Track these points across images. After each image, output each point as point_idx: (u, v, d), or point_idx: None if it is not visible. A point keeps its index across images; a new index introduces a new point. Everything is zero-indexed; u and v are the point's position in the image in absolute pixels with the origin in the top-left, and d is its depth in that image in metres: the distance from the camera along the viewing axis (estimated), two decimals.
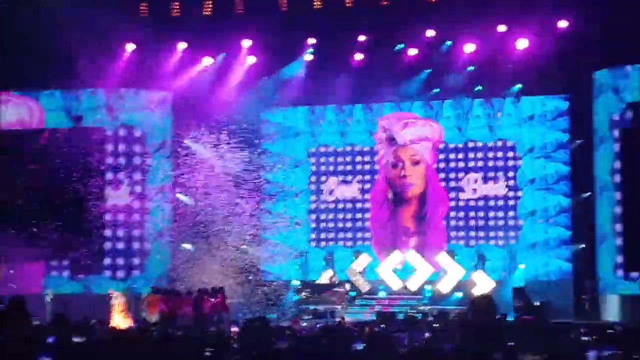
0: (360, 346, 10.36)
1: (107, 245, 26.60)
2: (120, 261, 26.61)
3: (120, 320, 20.23)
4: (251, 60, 26.47)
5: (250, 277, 26.32)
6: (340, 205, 27.69)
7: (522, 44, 24.88)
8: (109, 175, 26.67)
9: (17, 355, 8.44)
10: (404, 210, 27.24)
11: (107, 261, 26.55)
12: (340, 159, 27.80)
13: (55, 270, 26.83)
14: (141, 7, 25.58)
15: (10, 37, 23.76)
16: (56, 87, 26.89)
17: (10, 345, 10.37)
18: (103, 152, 26.68)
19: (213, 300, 23.57)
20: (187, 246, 26.72)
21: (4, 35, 23.75)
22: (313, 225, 27.74)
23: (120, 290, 23.39)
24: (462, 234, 26.78)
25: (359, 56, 25.93)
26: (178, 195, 26.74)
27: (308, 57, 26.33)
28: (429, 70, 25.98)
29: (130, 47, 25.99)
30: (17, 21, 23.88)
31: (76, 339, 10.12)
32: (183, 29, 25.62)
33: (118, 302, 22.18)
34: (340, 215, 27.66)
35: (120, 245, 26.64)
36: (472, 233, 26.73)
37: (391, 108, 27.38)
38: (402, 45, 25.61)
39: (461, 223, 26.90)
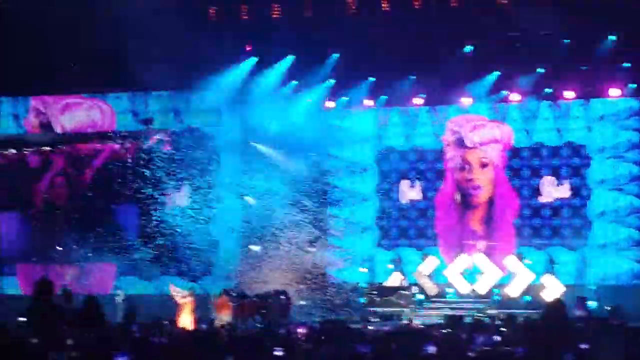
0: (430, 349, 10.34)
1: (176, 246, 26.87)
2: (189, 262, 26.87)
3: (187, 321, 20.43)
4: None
5: (317, 280, 26.45)
6: (407, 208, 27.60)
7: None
8: (177, 177, 26.95)
9: (94, 355, 8.61)
10: (472, 213, 27.06)
11: (176, 262, 26.83)
12: (405, 162, 27.70)
13: (126, 271, 27.21)
14: (210, 11, 25.77)
15: (77, 40, 24.14)
16: (123, 90, 27.27)
17: (86, 345, 10.61)
18: (170, 153, 26.98)
19: (277, 302, 23.81)
20: (255, 248, 26.93)
21: (71, 39, 24.15)
22: (380, 228, 27.67)
23: (186, 291, 23.63)
24: (531, 237, 26.53)
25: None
26: (246, 198, 26.94)
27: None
28: (497, 73, 25.80)
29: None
30: (86, 25, 24.26)
31: (152, 339, 10.28)
32: (251, 32, 25.65)
33: (185, 303, 22.44)
34: (408, 218, 27.56)
35: (189, 247, 26.89)
36: (541, 236, 26.47)
37: (456, 110, 27.24)
38: (471, 47, 25.46)
39: (530, 226, 26.64)
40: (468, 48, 25.40)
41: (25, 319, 13.19)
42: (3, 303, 24.40)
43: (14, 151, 27.59)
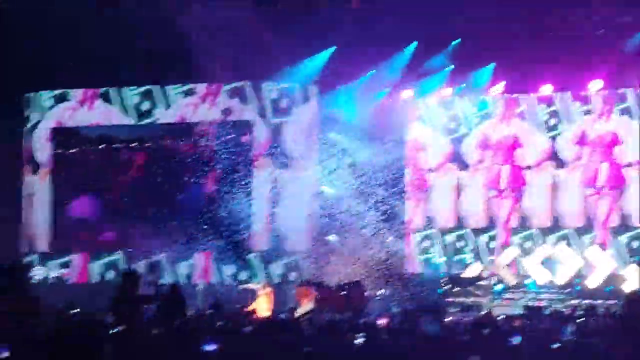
0: (515, 340, 10.29)
1: (255, 236, 27.09)
2: (268, 252, 27.06)
3: (265, 310, 20.63)
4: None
5: (394, 271, 26.48)
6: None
7: None
8: (255, 166, 27.16)
9: (179, 342, 8.78)
10: None
11: (254, 252, 27.03)
12: None
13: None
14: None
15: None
16: (203, 81, 27.55)
17: (170, 332, 10.81)
18: (250, 144, 27.18)
19: (356, 292, 23.89)
20: (332, 238, 27.05)
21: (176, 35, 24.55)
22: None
23: (264, 280, 23.91)
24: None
25: None
26: (323, 188, 27.07)
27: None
28: None
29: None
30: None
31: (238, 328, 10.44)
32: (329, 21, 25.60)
33: (263, 292, 22.73)
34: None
35: (268, 237, 27.08)
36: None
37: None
38: None
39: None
40: None
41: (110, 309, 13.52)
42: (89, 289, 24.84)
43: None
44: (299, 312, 21.00)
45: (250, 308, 20.15)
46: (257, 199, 27.13)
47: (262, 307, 21.04)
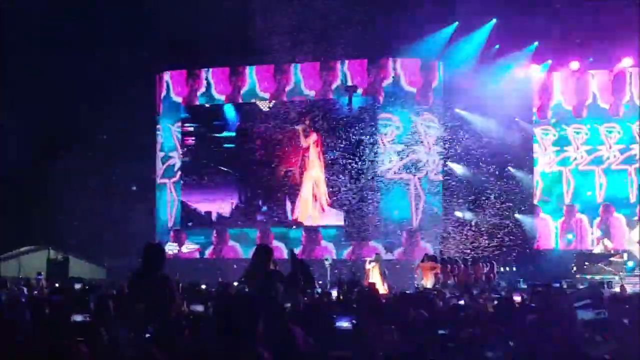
0: None
1: (378, 213, 27.12)
2: (391, 229, 27.07)
3: (378, 284, 20.68)
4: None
5: (524, 248, 26.22)
6: None
7: None
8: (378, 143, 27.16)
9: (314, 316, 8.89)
10: None
11: (378, 229, 27.08)
12: None
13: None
14: None
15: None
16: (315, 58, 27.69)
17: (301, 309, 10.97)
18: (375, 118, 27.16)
19: (482, 268, 23.81)
20: (460, 214, 26.93)
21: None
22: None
23: (373, 256, 24.00)
24: None
25: None
26: (450, 164, 26.93)
27: None
28: None
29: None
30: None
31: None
32: None
33: (373, 267, 22.88)
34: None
35: (390, 214, 27.08)
36: None
37: None
38: None
39: None
40: None
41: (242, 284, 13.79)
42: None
43: None
44: (424, 286, 21.06)
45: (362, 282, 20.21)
46: (381, 176, 27.12)
47: (371, 281, 21.13)
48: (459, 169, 26.97)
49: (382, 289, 20.60)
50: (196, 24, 24.76)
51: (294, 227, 27.61)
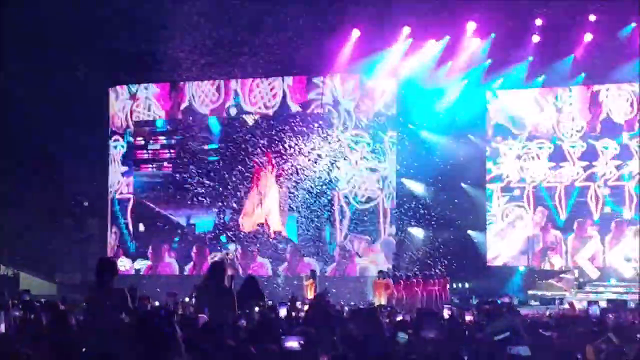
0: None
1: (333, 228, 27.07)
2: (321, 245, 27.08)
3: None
4: (476, 42, 26.27)
5: (477, 264, 26.38)
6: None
7: None
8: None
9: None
10: None
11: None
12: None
13: None
14: None
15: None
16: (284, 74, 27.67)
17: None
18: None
19: (436, 284, 23.90)
20: (413, 231, 27.03)
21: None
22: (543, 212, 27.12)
23: (309, 273, 23.89)
24: None
25: (587, 37, 25.35)
26: (404, 180, 26.99)
27: (535, 38, 25.88)
28: None
29: (355, 33, 26.31)
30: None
31: None
32: (407, 12, 25.42)
33: (310, 284, 22.75)
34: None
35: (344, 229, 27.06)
36: None
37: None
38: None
39: None
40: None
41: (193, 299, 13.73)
42: None
43: None
44: (377, 303, 21.06)
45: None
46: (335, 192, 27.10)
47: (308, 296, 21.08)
48: (411, 185, 27.06)
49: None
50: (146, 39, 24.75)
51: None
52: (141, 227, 28.49)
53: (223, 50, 25.57)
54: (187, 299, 16.28)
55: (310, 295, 21.53)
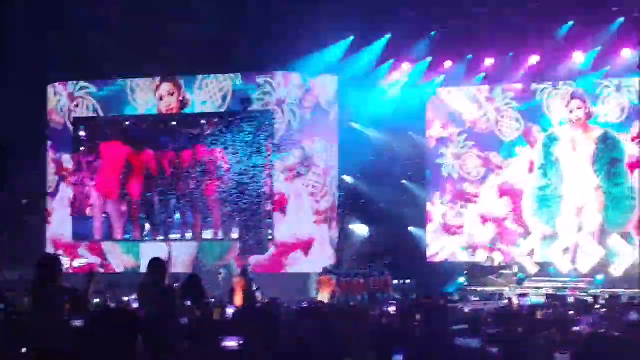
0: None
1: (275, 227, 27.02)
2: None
3: (238, 299, 20.49)
4: (417, 40, 26.36)
5: (418, 260, 26.52)
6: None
7: None
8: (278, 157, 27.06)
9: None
10: None
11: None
12: None
13: None
14: None
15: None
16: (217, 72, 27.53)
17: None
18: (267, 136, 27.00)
19: (379, 280, 24.00)
20: (355, 227, 27.10)
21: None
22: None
23: (238, 271, 23.69)
24: None
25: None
26: (344, 177, 27.05)
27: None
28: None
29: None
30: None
31: None
32: (348, 10, 25.26)
33: (238, 281, 22.35)
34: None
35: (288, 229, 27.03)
36: None
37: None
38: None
39: None
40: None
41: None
42: None
43: None
44: (321, 300, 21.07)
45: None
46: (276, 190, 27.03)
47: (237, 296, 20.86)
48: (353, 182, 27.14)
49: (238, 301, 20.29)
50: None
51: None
52: None
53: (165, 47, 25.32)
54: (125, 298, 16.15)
55: (238, 294, 21.15)
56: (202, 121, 27.62)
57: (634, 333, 8.94)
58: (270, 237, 26.63)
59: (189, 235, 27.66)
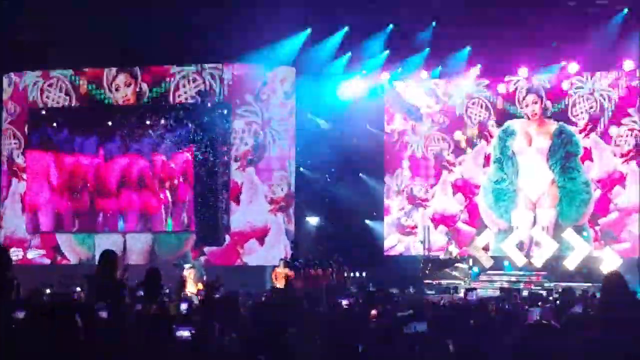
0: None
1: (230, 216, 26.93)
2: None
3: (191, 290, 20.38)
4: (374, 33, 26.37)
5: (374, 253, 26.59)
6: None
7: None
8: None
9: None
10: None
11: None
12: None
13: None
14: None
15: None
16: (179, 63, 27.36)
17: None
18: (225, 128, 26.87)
19: (338, 273, 24.03)
20: (312, 220, 27.13)
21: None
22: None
23: (189, 263, 23.53)
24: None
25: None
26: (302, 170, 27.06)
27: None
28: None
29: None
30: None
31: None
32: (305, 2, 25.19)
33: (189, 273, 22.19)
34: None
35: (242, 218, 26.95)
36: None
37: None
38: None
39: None
40: None
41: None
42: None
43: None
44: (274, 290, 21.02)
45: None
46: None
47: (188, 288, 20.72)
48: (310, 174, 27.14)
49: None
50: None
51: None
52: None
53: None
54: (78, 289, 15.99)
55: (190, 287, 20.96)
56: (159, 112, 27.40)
57: (573, 325, 9.02)
58: (226, 227, 26.47)
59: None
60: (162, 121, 27.12)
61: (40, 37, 25.19)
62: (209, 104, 26.49)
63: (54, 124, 27.86)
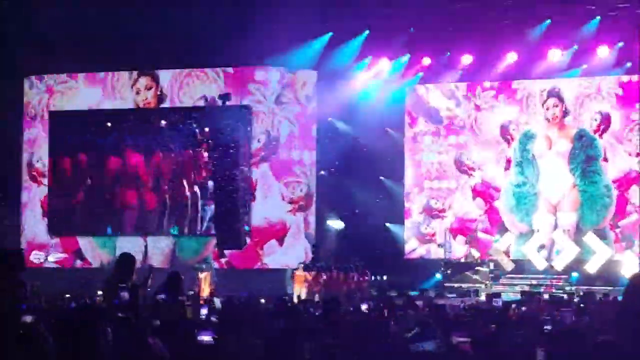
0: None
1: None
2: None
3: (206, 292, 20.42)
4: (395, 36, 26.38)
5: (394, 257, 26.52)
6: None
7: None
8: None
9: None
10: None
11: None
12: None
13: None
14: None
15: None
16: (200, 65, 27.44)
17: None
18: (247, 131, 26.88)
19: (355, 277, 23.96)
20: (333, 224, 27.11)
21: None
22: None
23: (204, 265, 23.58)
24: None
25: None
26: (323, 173, 27.06)
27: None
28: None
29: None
30: None
31: None
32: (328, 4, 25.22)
33: (205, 276, 22.29)
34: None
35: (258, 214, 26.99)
36: None
37: None
38: None
39: None
40: None
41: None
42: None
43: None
44: (297, 295, 21.04)
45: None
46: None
47: (204, 290, 20.75)
48: (331, 178, 27.13)
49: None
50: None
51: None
52: None
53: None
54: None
55: (206, 289, 21.01)
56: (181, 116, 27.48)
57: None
58: (247, 230, 26.49)
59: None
60: (183, 124, 27.15)
61: (61, 39, 25.25)
62: (230, 107, 26.48)
63: (75, 127, 27.99)
